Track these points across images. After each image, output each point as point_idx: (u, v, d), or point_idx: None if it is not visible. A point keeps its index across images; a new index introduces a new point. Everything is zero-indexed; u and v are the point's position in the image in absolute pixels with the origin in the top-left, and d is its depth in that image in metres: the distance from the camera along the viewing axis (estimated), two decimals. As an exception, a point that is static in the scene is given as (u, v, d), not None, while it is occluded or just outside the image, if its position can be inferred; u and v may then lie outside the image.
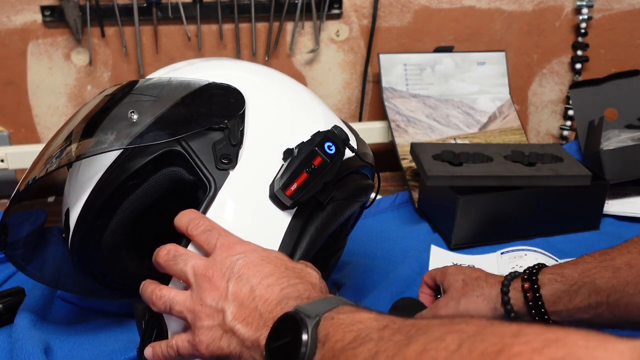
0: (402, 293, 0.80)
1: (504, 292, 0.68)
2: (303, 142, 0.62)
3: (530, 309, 0.66)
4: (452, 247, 0.94)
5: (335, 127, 0.64)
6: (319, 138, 0.62)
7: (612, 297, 0.63)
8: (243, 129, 0.63)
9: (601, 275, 0.64)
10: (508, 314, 0.67)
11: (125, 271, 0.68)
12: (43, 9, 1.19)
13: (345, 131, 0.65)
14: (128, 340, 0.71)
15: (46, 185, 0.75)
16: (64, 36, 1.22)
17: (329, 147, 0.62)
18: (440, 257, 0.91)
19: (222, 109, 0.64)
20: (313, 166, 0.60)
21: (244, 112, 0.64)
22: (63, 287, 0.76)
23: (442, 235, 0.97)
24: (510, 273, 0.70)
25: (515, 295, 0.67)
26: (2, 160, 1.17)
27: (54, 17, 1.20)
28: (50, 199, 0.76)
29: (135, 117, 0.61)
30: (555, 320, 0.66)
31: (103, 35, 1.23)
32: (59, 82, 1.25)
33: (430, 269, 0.87)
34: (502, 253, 0.91)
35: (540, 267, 0.68)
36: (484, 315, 0.67)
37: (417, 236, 0.99)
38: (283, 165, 0.60)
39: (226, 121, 0.62)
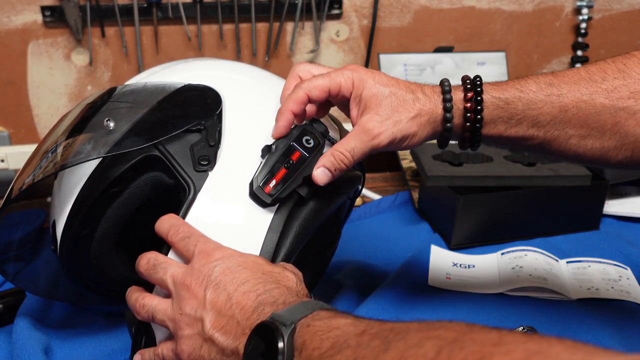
0: (403, 293, 0.80)
1: (447, 99, 0.61)
2: (281, 137, 0.61)
3: (465, 122, 0.61)
4: (452, 247, 0.94)
5: (314, 120, 0.63)
6: (297, 132, 0.61)
7: (550, 134, 0.60)
8: (221, 128, 0.62)
9: (546, 111, 0.60)
10: (445, 125, 0.61)
11: (116, 278, 0.67)
12: (43, 9, 1.19)
13: (325, 124, 0.64)
14: (128, 340, 0.71)
15: (42, 188, 0.75)
16: (64, 36, 1.22)
17: (307, 140, 0.61)
18: (440, 257, 0.91)
19: (198, 110, 0.63)
20: (291, 161, 0.60)
21: (221, 111, 0.63)
22: (55, 296, 0.76)
23: (442, 235, 0.97)
24: (445, 81, 0.63)
25: (456, 105, 0.61)
26: (2, 160, 1.17)
27: (54, 17, 1.20)
28: (49, 199, 0.75)
29: (112, 124, 0.61)
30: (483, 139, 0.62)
31: (103, 35, 1.23)
32: (59, 82, 1.25)
33: (430, 269, 0.87)
34: (502, 253, 0.91)
35: (481, 81, 0.62)
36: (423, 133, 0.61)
37: (417, 236, 0.99)
38: (261, 162, 0.60)
39: (203, 122, 0.62)
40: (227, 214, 0.59)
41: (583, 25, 1.39)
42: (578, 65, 1.41)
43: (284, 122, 0.60)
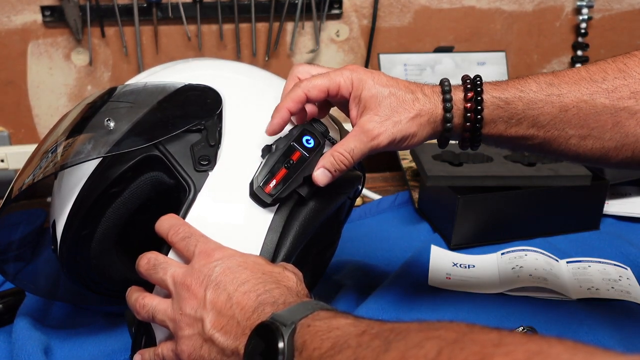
0: (403, 293, 0.79)
1: (447, 99, 0.61)
2: (281, 137, 0.61)
3: (465, 122, 0.61)
4: (452, 247, 0.94)
5: (314, 120, 0.63)
6: (297, 132, 0.61)
7: (550, 134, 0.60)
8: (221, 128, 0.62)
9: (547, 111, 0.60)
10: (445, 125, 0.61)
11: (116, 278, 0.67)
12: (43, 9, 1.19)
13: (325, 124, 0.64)
14: (128, 340, 0.71)
15: (42, 188, 0.75)
16: (64, 36, 1.22)
17: (307, 140, 0.61)
18: (440, 257, 0.91)
19: (199, 110, 0.63)
20: (292, 161, 0.60)
21: (221, 111, 0.63)
22: (55, 296, 0.76)
23: (442, 235, 0.97)
24: (444, 81, 0.62)
25: (456, 105, 0.61)
26: (2, 160, 1.17)
27: (54, 17, 1.20)
28: (49, 199, 0.76)
29: (112, 124, 0.61)
30: (483, 139, 0.63)
31: (103, 35, 1.23)
32: (59, 82, 1.25)
33: (430, 269, 0.87)
34: (502, 253, 0.91)
35: (481, 80, 0.62)
36: (422, 134, 0.61)
37: (417, 236, 0.99)
38: (262, 162, 0.60)
39: (203, 122, 0.62)
40: (228, 214, 0.59)
41: (583, 25, 1.39)
42: (578, 65, 1.41)
43: (278, 119, 0.60)
